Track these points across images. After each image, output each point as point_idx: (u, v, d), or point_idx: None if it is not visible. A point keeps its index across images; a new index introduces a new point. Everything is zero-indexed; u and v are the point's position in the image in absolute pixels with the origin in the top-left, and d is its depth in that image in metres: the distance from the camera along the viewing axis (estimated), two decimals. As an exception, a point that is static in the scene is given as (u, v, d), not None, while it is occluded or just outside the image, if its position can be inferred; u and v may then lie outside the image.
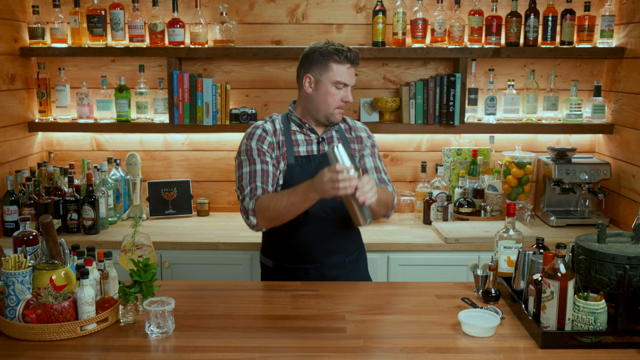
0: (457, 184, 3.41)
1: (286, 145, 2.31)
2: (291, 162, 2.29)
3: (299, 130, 2.35)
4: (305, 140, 2.34)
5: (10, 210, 3.00)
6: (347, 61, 2.26)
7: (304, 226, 2.28)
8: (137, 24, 3.26)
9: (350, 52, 2.27)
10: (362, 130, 2.47)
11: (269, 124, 2.34)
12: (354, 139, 2.43)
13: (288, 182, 2.28)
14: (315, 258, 2.32)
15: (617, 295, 1.76)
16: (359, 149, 2.42)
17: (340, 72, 2.26)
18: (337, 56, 2.25)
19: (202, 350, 1.70)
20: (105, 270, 1.91)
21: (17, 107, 3.23)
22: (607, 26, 3.26)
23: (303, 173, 2.27)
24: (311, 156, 2.32)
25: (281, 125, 2.35)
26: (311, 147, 2.33)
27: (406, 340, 1.77)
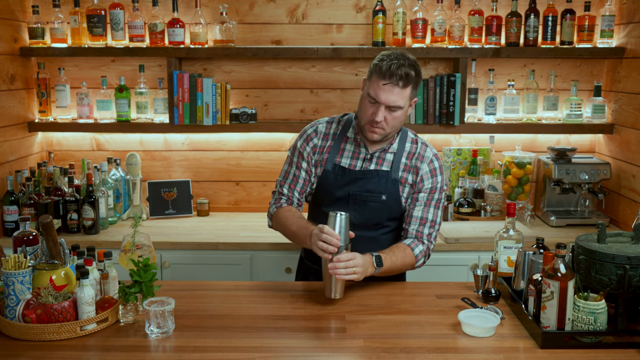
0: (457, 184, 3.41)
1: (331, 151, 2.25)
2: (328, 168, 2.23)
3: (352, 139, 2.25)
4: (352, 152, 2.24)
5: (10, 210, 3.00)
6: (386, 77, 2.06)
7: None
8: (137, 24, 3.26)
9: (394, 66, 2.05)
10: (426, 162, 2.25)
11: (324, 125, 2.30)
12: (411, 167, 2.24)
13: (321, 187, 2.25)
14: None
15: (617, 295, 1.76)
16: (412, 181, 2.23)
17: (375, 86, 2.09)
18: (379, 68, 2.08)
19: (202, 350, 1.70)
20: (105, 270, 1.91)
21: (17, 107, 3.23)
22: (607, 26, 3.26)
23: (335, 183, 2.23)
24: (348, 170, 2.22)
25: (339, 128, 2.28)
26: (355, 162, 2.24)
27: (406, 340, 1.77)
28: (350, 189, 2.22)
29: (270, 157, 3.51)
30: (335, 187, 2.23)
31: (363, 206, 2.22)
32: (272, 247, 2.93)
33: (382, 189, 2.22)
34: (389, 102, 2.08)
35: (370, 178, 2.22)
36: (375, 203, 2.22)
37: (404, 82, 2.07)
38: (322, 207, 2.27)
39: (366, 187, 2.22)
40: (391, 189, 2.23)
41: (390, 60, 2.08)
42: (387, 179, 2.23)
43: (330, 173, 2.24)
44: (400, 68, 2.06)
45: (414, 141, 2.29)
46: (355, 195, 2.22)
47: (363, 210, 2.23)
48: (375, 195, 2.22)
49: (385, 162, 2.24)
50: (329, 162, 2.24)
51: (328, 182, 2.24)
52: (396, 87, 2.07)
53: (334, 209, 2.17)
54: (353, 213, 2.21)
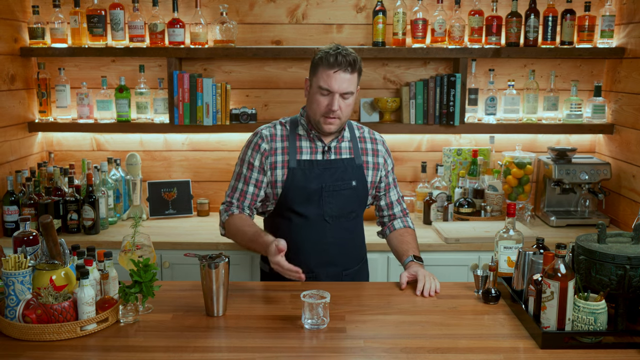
0: (457, 184, 3.41)
1: (289, 151, 2.27)
2: (293, 165, 2.25)
3: (305, 136, 2.30)
4: (309, 148, 2.29)
5: (10, 211, 3.00)
6: (334, 65, 2.12)
7: (302, 232, 2.26)
8: (137, 24, 3.26)
9: (339, 55, 2.12)
10: (380, 143, 2.41)
11: (270, 129, 2.31)
12: (367, 150, 2.36)
13: (289, 186, 2.25)
14: (311, 267, 2.28)
15: (617, 295, 1.76)
16: (374, 163, 2.35)
17: (324, 77, 2.14)
18: (325, 59, 2.14)
19: (202, 351, 1.70)
20: (105, 271, 1.91)
21: (17, 107, 3.23)
22: (608, 26, 3.26)
23: (305, 177, 2.25)
24: (314, 161, 2.27)
25: (287, 129, 2.31)
26: (315, 156, 2.28)
27: (406, 340, 1.77)
28: (322, 181, 2.25)
29: (271, 157, 3.51)
30: (306, 182, 2.24)
31: (337, 196, 2.26)
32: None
33: (351, 175, 2.29)
34: (342, 89, 2.15)
35: (338, 167, 2.28)
36: (347, 190, 2.28)
37: (352, 68, 2.15)
38: (293, 207, 2.26)
39: (335, 177, 2.26)
40: (358, 174, 2.31)
41: (333, 51, 2.15)
42: (353, 165, 2.31)
43: (298, 170, 2.25)
44: (346, 56, 2.14)
45: (358, 127, 2.41)
46: (328, 186, 2.25)
47: (337, 200, 2.27)
48: (346, 182, 2.28)
49: (343, 150, 2.32)
50: (291, 160, 2.26)
51: (297, 178, 2.25)
52: (346, 74, 2.14)
53: (307, 205, 2.25)
54: (328, 206, 2.26)
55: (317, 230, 2.27)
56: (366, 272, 2.48)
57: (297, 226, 2.27)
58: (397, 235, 2.39)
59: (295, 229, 2.27)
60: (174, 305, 2.00)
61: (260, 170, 2.29)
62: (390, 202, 2.43)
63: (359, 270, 2.41)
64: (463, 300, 2.07)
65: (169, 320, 1.89)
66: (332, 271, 2.31)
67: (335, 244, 2.29)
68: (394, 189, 2.45)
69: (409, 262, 2.25)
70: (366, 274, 2.48)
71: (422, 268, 2.21)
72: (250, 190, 2.31)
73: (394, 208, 2.44)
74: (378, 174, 2.37)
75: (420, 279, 2.14)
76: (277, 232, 2.30)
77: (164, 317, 1.91)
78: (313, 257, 2.28)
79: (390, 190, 2.43)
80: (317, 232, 2.27)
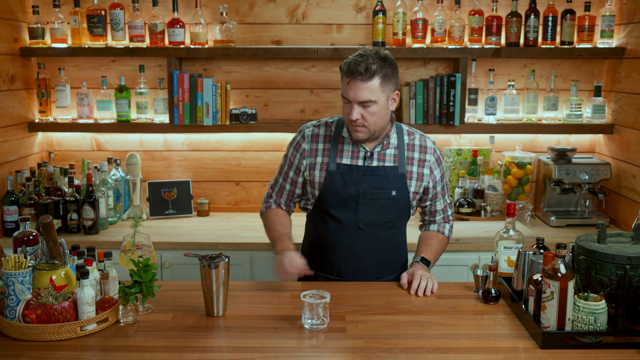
0: (457, 184, 3.41)
1: (329, 154, 2.23)
2: (332, 168, 2.22)
3: (348, 139, 2.23)
4: (351, 152, 2.23)
5: (10, 211, 3.00)
6: (349, 74, 2.08)
7: (335, 236, 2.25)
8: (137, 24, 3.26)
9: (353, 63, 2.07)
10: (431, 152, 2.29)
11: (313, 129, 2.29)
12: (414, 159, 2.26)
13: (328, 189, 2.22)
14: (341, 271, 2.27)
15: (617, 295, 1.76)
16: (419, 173, 2.27)
17: (343, 85, 2.12)
18: (344, 66, 2.10)
19: (202, 350, 1.70)
20: (105, 271, 1.91)
21: (17, 107, 3.23)
22: (607, 26, 3.26)
23: (342, 182, 2.21)
24: (354, 166, 2.22)
25: (332, 130, 2.27)
26: (356, 161, 2.22)
27: (406, 340, 1.77)
28: (360, 187, 2.20)
29: (271, 157, 3.51)
30: (343, 186, 2.21)
31: (374, 204, 2.22)
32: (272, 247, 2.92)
33: (391, 184, 2.22)
34: (358, 98, 2.08)
35: (378, 174, 2.22)
36: (386, 200, 2.22)
37: (364, 76, 2.06)
38: (329, 210, 2.25)
39: (375, 184, 2.21)
40: (400, 184, 2.23)
41: (353, 57, 2.10)
42: (395, 174, 2.23)
43: (336, 173, 2.22)
44: (360, 63, 2.05)
45: (409, 133, 2.31)
46: (365, 194, 2.21)
47: (374, 208, 2.22)
48: (385, 191, 2.21)
49: (387, 157, 2.24)
50: (331, 163, 2.22)
51: (335, 182, 2.22)
52: (360, 82, 2.06)
53: (342, 210, 2.22)
54: (364, 213, 2.22)
55: (350, 236, 2.24)
56: None
57: (331, 230, 2.26)
58: (425, 236, 2.39)
59: (329, 232, 2.26)
60: (174, 305, 2.00)
61: (296, 170, 2.30)
62: (434, 211, 2.38)
63: (392, 280, 2.32)
64: (463, 300, 2.07)
65: (169, 320, 1.89)
66: (361, 277, 2.28)
67: (368, 252, 2.26)
68: (441, 198, 2.36)
69: (413, 263, 2.26)
70: None
71: (423, 269, 2.21)
72: (287, 187, 2.35)
73: (436, 216, 2.39)
74: (422, 185, 2.28)
75: (416, 278, 2.13)
76: (313, 232, 2.35)
77: (164, 317, 1.91)
78: (344, 261, 2.27)
79: (436, 200, 2.35)
80: (350, 238, 2.24)
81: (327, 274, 2.30)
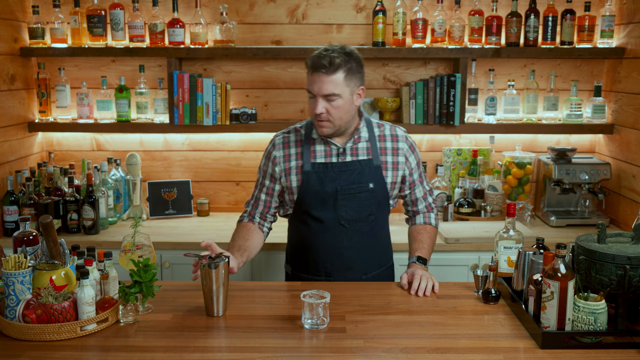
0: (457, 184, 3.41)
1: (303, 157, 2.25)
2: (307, 169, 2.23)
3: (319, 139, 2.26)
4: (324, 151, 2.25)
5: (10, 211, 3.00)
6: (313, 67, 2.11)
7: (318, 236, 2.26)
8: (137, 24, 3.26)
9: (317, 57, 2.10)
10: (402, 140, 2.32)
11: (283, 136, 2.32)
12: (387, 149, 2.29)
13: (306, 190, 2.23)
14: (329, 271, 2.28)
15: (617, 295, 1.76)
16: (394, 162, 2.29)
17: (308, 79, 2.14)
18: (309, 60, 2.13)
19: (202, 350, 1.70)
20: (105, 271, 1.91)
21: (17, 107, 3.23)
22: (607, 26, 3.26)
23: (320, 181, 2.22)
24: (329, 163, 2.24)
25: (302, 134, 2.28)
26: (330, 159, 2.25)
27: (406, 340, 1.77)
28: (337, 184, 2.22)
29: (270, 157, 3.51)
30: (320, 185, 2.22)
31: (353, 199, 2.23)
32: (272, 247, 2.93)
33: (368, 177, 2.25)
34: (322, 91, 2.10)
35: (354, 169, 2.24)
36: (364, 193, 2.24)
37: (328, 69, 2.08)
38: (309, 211, 2.26)
39: (351, 179, 2.23)
40: (376, 175, 2.26)
41: (319, 52, 2.12)
42: (370, 167, 2.25)
43: (312, 173, 2.23)
44: (324, 57, 2.08)
45: (379, 125, 2.34)
46: (343, 189, 2.22)
47: (353, 203, 2.24)
48: (363, 185, 2.24)
49: (359, 151, 2.26)
50: (305, 165, 2.23)
51: (311, 182, 2.23)
52: (323, 75, 2.09)
53: (322, 209, 2.23)
54: (344, 209, 2.23)
55: (333, 234, 2.25)
56: (389, 276, 2.43)
57: (314, 230, 2.26)
58: (414, 231, 2.39)
59: (312, 233, 2.26)
60: (174, 305, 2.00)
61: (270, 178, 2.30)
62: (415, 199, 2.39)
63: (379, 275, 2.36)
64: (463, 300, 2.07)
65: (169, 320, 1.89)
66: (350, 276, 2.29)
67: (352, 248, 2.26)
68: (420, 185, 2.38)
69: (411, 263, 2.26)
70: (389, 279, 2.43)
71: (422, 269, 2.21)
72: (262, 198, 2.34)
73: (418, 205, 2.40)
74: (399, 174, 2.31)
75: (416, 279, 2.14)
76: (296, 236, 2.35)
77: (164, 317, 1.91)
78: (330, 261, 2.27)
79: (415, 188, 2.37)
80: (333, 236, 2.25)
81: (314, 275, 2.30)
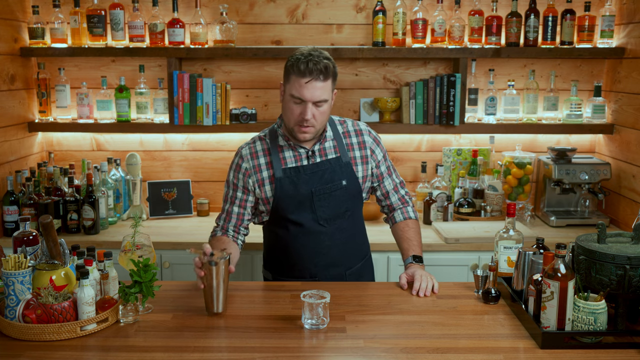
0: (457, 184, 3.41)
1: (273, 166, 2.22)
2: (279, 175, 2.21)
3: (286, 146, 2.24)
4: (293, 157, 2.24)
5: (10, 211, 3.00)
6: (306, 74, 2.06)
7: (299, 239, 2.25)
8: (137, 24, 3.26)
9: (310, 63, 2.06)
10: (366, 133, 2.33)
11: (249, 148, 2.28)
12: (353, 145, 2.30)
13: (281, 196, 2.22)
14: (313, 272, 2.28)
15: (617, 295, 1.76)
16: (362, 156, 2.30)
17: (296, 85, 2.08)
18: (297, 66, 2.07)
19: (202, 350, 1.70)
20: (105, 271, 1.91)
21: (17, 107, 3.23)
22: (607, 26, 3.26)
23: (293, 186, 2.21)
24: (300, 167, 2.22)
25: (268, 143, 2.26)
26: (301, 163, 2.24)
27: (406, 340, 1.77)
28: (311, 185, 2.22)
29: (270, 157, 3.51)
30: (295, 190, 2.21)
31: (328, 199, 2.24)
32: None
33: (340, 175, 2.25)
34: (315, 98, 2.09)
35: (325, 169, 2.24)
36: (338, 191, 2.25)
37: (324, 76, 2.09)
38: (287, 216, 2.24)
39: (324, 179, 2.23)
40: (347, 172, 2.26)
41: (305, 57, 2.08)
42: (341, 164, 2.26)
43: (285, 179, 2.21)
44: (318, 63, 2.07)
45: (341, 122, 2.35)
46: (318, 190, 2.22)
47: (329, 202, 2.24)
48: (336, 183, 2.24)
49: (327, 150, 2.27)
50: (277, 172, 2.21)
51: (285, 188, 2.21)
52: (318, 82, 2.08)
53: (299, 213, 2.23)
54: (321, 209, 2.23)
55: (313, 236, 2.25)
56: (370, 268, 2.46)
57: (293, 234, 2.25)
58: (399, 229, 2.37)
59: (292, 237, 2.26)
60: (174, 305, 2.00)
61: (243, 190, 2.27)
62: (386, 192, 2.38)
63: (362, 268, 2.39)
64: (463, 300, 2.07)
65: (169, 320, 1.89)
66: (334, 272, 2.30)
67: (334, 247, 2.27)
68: (388, 177, 2.38)
69: (408, 264, 2.26)
70: (370, 271, 2.46)
71: (421, 269, 2.21)
72: (235, 211, 2.29)
73: (390, 197, 2.39)
74: (368, 167, 2.32)
75: (417, 279, 2.14)
76: (275, 241, 2.33)
77: (164, 317, 1.91)
78: (313, 262, 2.27)
79: (384, 180, 2.37)
80: (314, 237, 2.25)
81: (299, 278, 2.30)
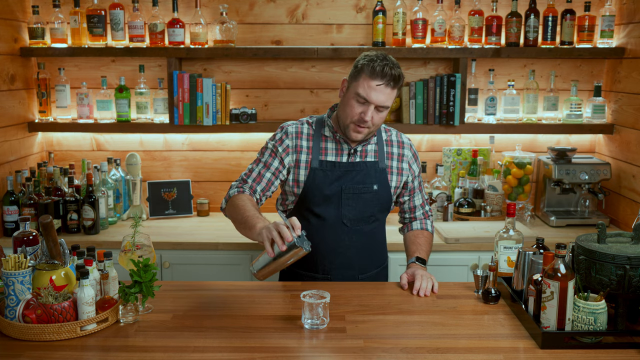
0: (457, 184, 3.41)
1: (313, 152, 2.23)
2: (315, 165, 2.22)
3: (331, 137, 2.26)
4: (334, 150, 2.25)
5: (10, 211, 3.00)
6: (379, 77, 2.08)
7: (319, 233, 2.25)
8: (137, 24, 3.26)
9: (387, 67, 2.08)
10: (408, 147, 2.36)
11: (296, 126, 2.27)
12: (393, 154, 2.31)
13: (309, 186, 2.22)
14: (326, 268, 2.28)
15: (617, 295, 1.76)
16: (399, 168, 2.31)
17: (365, 85, 2.09)
18: (371, 67, 2.08)
19: (202, 351, 1.70)
20: (105, 271, 1.91)
21: (17, 107, 3.23)
22: (607, 26, 3.26)
23: (325, 179, 2.22)
24: (337, 162, 2.24)
25: (313, 128, 2.27)
26: (340, 158, 2.25)
27: (406, 340, 1.77)
28: (342, 183, 2.23)
29: (270, 157, 3.51)
30: (326, 183, 2.22)
31: (356, 199, 2.24)
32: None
33: (373, 179, 2.26)
34: (379, 102, 2.11)
35: (360, 170, 2.25)
36: (368, 194, 2.25)
37: (394, 83, 2.11)
38: (312, 208, 2.25)
39: (357, 179, 2.24)
40: (381, 178, 2.27)
41: (380, 61, 2.10)
42: (376, 169, 2.27)
43: (319, 170, 2.23)
44: (392, 69, 2.10)
45: (386, 130, 2.37)
46: (348, 189, 2.23)
47: (357, 203, 2.24)
48: (367, 186, 2.25)
49: (368, 153, 2.28)
50: (314, 161, 2.23)
51: (317, 179, 2.23)
52: (387, 88, 2.11)
53: (325, 207, 2.23)
54: (347, 208, 2.24)
55: (334, 232, 2.25)
56: (384, 277, 2.45)
57: (315, 227, 2.25)
58: (412, 235, 2.41)
59: (313, 229, 2.25)
60: (174, 305, 2.00)
61: (281, 161, 2.25)
62: (413, 207, 2.42)
63: (376, 275, 2.37)
64: (463, 300, 2.07)
65: (169, 320, 1.89)
66: (347, 274, 2.30)
67: (352, 248, 2.27)
68: (419, 193, 2.42)
69: (410, 264, 2.27)
70: (384, 279, 2.45)
71: (422, 269, 2.22)
72: (267, 176, 2.23)
73: (416, 212, 2.43)
74: (402, 179, 2.33)
75: (417, 279, 2.15)
76: None
77: (164, 317, 1.91)
78: (329, 259, 2.27)
79: (414, 195, 2.40)
80: (334, 234, 2.25)
81: (313, 272, 2.30)
